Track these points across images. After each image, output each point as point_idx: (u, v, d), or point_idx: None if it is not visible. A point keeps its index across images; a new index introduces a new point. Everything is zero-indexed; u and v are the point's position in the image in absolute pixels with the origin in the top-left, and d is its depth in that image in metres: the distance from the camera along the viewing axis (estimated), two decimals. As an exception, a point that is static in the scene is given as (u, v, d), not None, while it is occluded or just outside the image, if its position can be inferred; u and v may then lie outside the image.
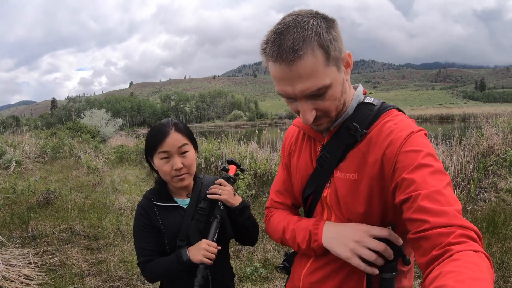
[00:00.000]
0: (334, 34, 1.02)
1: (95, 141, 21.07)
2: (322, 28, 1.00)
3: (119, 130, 36.50)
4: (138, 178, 11.08)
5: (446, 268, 0.75)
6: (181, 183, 1.63)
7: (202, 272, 1.41)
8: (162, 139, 1.57)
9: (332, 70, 1.04)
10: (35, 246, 4.95)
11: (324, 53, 1.00)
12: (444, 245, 0.82)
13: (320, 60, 1.00)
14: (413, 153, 1.00)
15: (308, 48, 0.97)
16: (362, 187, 1.11)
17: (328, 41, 1.00)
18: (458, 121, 33.82)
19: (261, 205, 6.60)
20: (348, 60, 1.11)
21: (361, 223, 1.14)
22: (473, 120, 15.33)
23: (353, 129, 1.14)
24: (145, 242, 1.66)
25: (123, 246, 5.13)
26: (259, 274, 4.06)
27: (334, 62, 1.04)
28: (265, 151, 9.68)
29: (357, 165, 1.13)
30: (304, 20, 1.00)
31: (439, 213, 0.87)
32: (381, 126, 1.11)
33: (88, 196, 8.23)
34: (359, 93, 1.22)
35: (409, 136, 1.04)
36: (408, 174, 0.96)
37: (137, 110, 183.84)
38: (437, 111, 60.91)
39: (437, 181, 0.93)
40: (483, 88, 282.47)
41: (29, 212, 6.48)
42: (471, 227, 0.85)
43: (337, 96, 1.09)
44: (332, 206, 1.21)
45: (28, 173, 11.34)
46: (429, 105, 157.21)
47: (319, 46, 0.99)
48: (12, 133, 23.51)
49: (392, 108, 1.18)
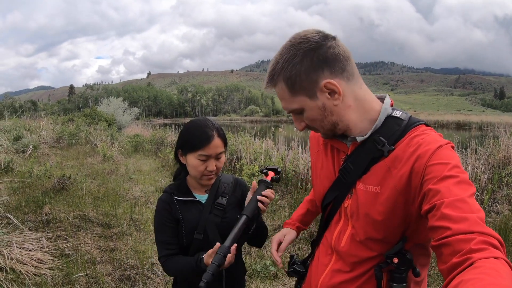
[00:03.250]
0: (307, 65, 1.12)
1: (111, 129, 21.20)
2: (296, 61, 1.12)
3: (135, 119, 36.69)
4: (152, 168, 11.14)
5: (466, 276, 0.75)
6: (208, 182, 1.72)
7: (214, 269, 1.39)
8: (206, 144, 1.62)
9: (299, 98, 1.17)
10: (49, 230, 5.02)
11: (287, 86, 1.15)
12: (465, 252, 0.82)
13: (285, 91, 1.17)
14: (441, 166, 1.01)
15: (276, 79, 1.17)
16: (384, 199, 1.12)
17: (295, 75, 1.13)
18: (475, 129, 33.30)
19: (273, 203, 6.59)
20: (332, 87, 1.13)
21: (377, 231, 1.16)
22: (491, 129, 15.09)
23: (380, 144, 1.15)
24: (167, 237, 1.71)
25: (136, 236, 5.19)
26: (269, 271, 4.09)
27: (302, 92, 1.15)
28: (280, 149, 9.67)
29: (381, 179, 1.14)
30: (285, 51, 1.14)
31: (460, 220, 0.87)
32: (408, 141, 1.12)
33: (102, 183, 8.30)
34: (386, 106, 1.23)
35: (437, 149, 1.05)
36: (434, 185, 0.98)
37: (153, 100, 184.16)
38: (454, 118, 59.92)
39: (461, 191, 0.94)
40: (503, 97, 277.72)
41: (44, 196, 6.57)
42: (493, 234, 0.86)
43: (315, 119, 1.20)
44: (352, 216, 1.23)
45: (44, 158, 11.48)
46: (447, 110, 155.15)
47: (284, 79, 1.15)
48: (30, 117, 23.80)
49: (420, 123, 1.19)
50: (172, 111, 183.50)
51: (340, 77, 1.14)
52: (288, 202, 6.69)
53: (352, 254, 1.23)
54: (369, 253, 1.19)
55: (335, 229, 1.31)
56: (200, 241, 1.67)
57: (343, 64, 1.14)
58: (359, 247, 1.21)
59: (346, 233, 1.25)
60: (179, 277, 1.79)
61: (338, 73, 1.13)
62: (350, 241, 1.23)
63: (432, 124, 3.22)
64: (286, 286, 3.88)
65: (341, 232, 1.27)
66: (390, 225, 1.13)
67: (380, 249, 1.17)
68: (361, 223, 1.19)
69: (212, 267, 1.39)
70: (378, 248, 1.18)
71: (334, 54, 1.12)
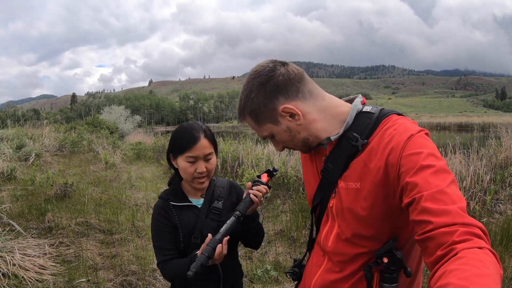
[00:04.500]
0: (265, 96, 1.21)
1: (114, 137, 21.28)
2: (252, 97, 1.22)
3: (137, 127, 36.71)
4: (154, 176, 11.15)
5: (450, 267, 0.75)
6: (200, 185, 1.72)
7: (203, 259, 1.40)
8: (192, 145, 1.64)
9: (266, 126, 1.26)
10: (51, 237, 5.04)
11: (253, 118, 1.26)
12: (448, 244, 0.82)
13: (253, 122, 1.28)
14: (414, 156, 1.00)
15: (243, 114, 1.28)
16: (365, 194, 1.12)
17: (257, 108, 1.22)
18: (477, 130, 33.15)
19: (275, 208, 6.62)
20: (290, 110, 1.20)
21: (363, 228, 1.15)
22: (493, 130, 15.04)
23: (354, 139, 1.16)
24: (164, 242, 1.71)
25: (137, 242, 5.19)
26: (270, 276, 4.07)
27: (266, 120, 1.24)
28: (282, 154, 9.68)
29: (359, 174, 1.14)
30: (247, 88, 1.23)
31: (441, 212, 0.87)
32: (382, 134, 1.12)
33: (104, 191, 8.33)
34: (357, 103, 1.24)
35: (409, 139, 1.04)
36: (411, 178, 0.97)
37: (155, 108, 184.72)
38: (456, 119, 59.96)
39: (439, 181, 0.94)
40: (504, 97, 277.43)
41: (46, 204, 6.60)
42: (476, 224, 0.85)
43: (285, 140, 1.28)
44: (337, 215, 1.23)
45: (46, 166, 11.52)
46: (449, 112, 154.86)
47: (249, 113, 1.25)
48: (32, 126, 23.84)
49: (391, 113, 1.19)
50: (174, 118, 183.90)
51: (296, 99, 1.20)
52: (289, 207, 6.68)
53: (338, 253, 1.23)
54: (357, 249, 1.18)
55: (323, 230, 1.31)
56: (197, 245, 1.66)
57: (296, 87, 1.20)
58: (346, 245, 1.20)
59: (332, 233, 1.26)
60: (176, 282, 1.78)
61: (293, 96, 1.20)
62: (336, 240, 1.23)
63: (434, 126, 3.17)
64: (287, 289, 3.87)
65: (328, 232, 1.28)
66: (375, 220, 1.13)
67: (370, 246, 1.16)
68: (346, 221, 1.19)
69: (202, 258, 1.40)
70: (368, 244, 1.17)
71: (284, 80, 1.19)
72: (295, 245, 4.91)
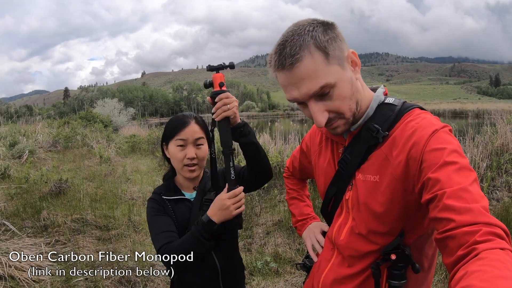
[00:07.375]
0: (332, 35, 1.06)
1: (108, 130, 21.20)
2: (318, 31, 1.04)
3: (131, 119, 36.65)
4: (150, 168, 11.13)
5: (471, 268, 0.73)
6: (190, 174, 1.70)
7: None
8: (182, 128, 1.67)
9: (334, 68, 1.06)
10: (47, 236, 5.00)
11: (322, 53, 1.03)
12: (470, 244, 0.79)
13: (319, 60, 1.03)
14: (438, 152, 0.97)
15: (305, 51, 1.02)
16: (384, 188, 1.09)
17: (325, 42, 1.04)
18: (472, 117, 33.36)
19: (272, 198, 6.60)
20: (354, 58, 1.11)
21: (379, 224, 1.13)
22: (487, 117, 15.12)
23: (375, 131, 1.13)
24: (164, 226, 1.64)
25: (135, 237, 5.16)
26: (270, 268, 4.06)
27: (335, 61, 1.06)
28: (277, 143, 9.65)
29: (379, 167, 1.12)
30: (301, 27, 1.05)
31: (464, 211, 0.84)
32: (403, 127, 1.09)
33: (100, 185, 8.28)
34: (379, 94, 1.21)
35: (433, 134, 1.01)
36: (433, 174, 0.94)
37: (149, 100, 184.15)
38: (450, 106, 60.14)
39: (462, 178, 0.91)
40: (498, 84, 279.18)
41: (41, 201, 6.55)
42: (498, 224, 0.83)
43: (346, 95, 1.09)
44: (353, 208, 1.20)
45: (40, 163, 11.45)
46: (443, 99, 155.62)
47: (315, 47, 1.03)
48: (25, 122, 23.69)
49: (414, 107, 1.16)
50: (168, 110, 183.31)
51: None
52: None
53: (350, 247, 1.20)
54: (369, 247, 1.16)
55: (336, 222, 1.29)
56: None
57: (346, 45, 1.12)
58: (359, 240, 1.18)
59: (346, 226, 1.23)
60: (175, 280, 1.74)
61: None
62: (349, 234, 1.21)
63: (428, 113, 3.17)
64: (287, 282, 3.85)
65: (342, 225, 1.26)
66: (392, 217, 1.11)
67: (383, 242, 1.14)
68: (362, 215, 1.17)
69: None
70: (381, 241, 1.15)
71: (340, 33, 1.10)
72: (294, 235, 4.88)
